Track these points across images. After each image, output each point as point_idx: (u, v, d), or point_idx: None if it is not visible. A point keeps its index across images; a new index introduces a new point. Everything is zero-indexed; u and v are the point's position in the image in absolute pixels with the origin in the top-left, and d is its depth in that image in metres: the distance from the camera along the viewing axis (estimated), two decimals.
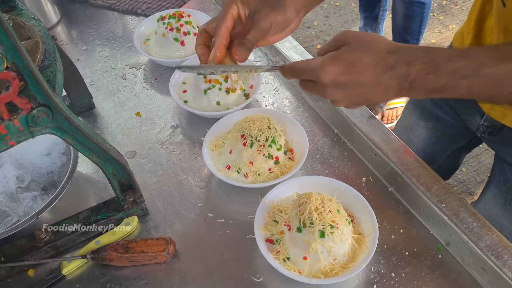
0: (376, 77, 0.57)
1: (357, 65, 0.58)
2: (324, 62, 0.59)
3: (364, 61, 0.57)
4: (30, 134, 0.62)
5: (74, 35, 1.35)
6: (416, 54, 0.56)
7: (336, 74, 0.58)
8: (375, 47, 0.58)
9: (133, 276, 0.77)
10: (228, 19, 0.68)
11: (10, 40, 0.52)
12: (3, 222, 0.85)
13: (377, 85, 0.58)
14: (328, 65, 0.59)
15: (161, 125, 1.04)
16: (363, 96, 0.61)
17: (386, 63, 0.57)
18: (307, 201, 0.71)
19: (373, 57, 0.57)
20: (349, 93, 0.61)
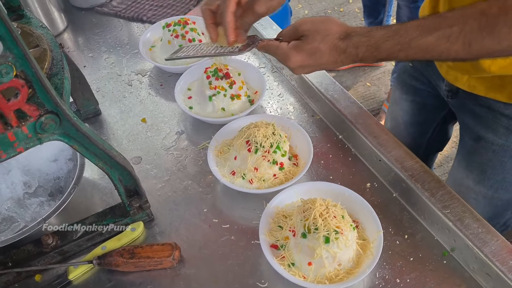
0: (333, 58, 0.73)
1: (317, 53, 0.73)
2: (289, 53, 0.75)
3: (322, 49, 0.72)
4: (38, 141, 0.63)
5: (80, 42, 1.36)
6: (360, 39, 0.70)
7: (300, 61, 0.74)
8: (329, 35, 0.72)
9: (138, 282, 0.77)
10: (232, 4, 0.77)
11: (19, 48, 0.53)
12: (10, 228, 0.86)
13: (335, 63, 0.74)
14: (293, 55, 0.74)
15: (166, 131, 1.04)
16: (324, 69, 0.79)
17: (339, 49, 0.72)
18: (312, 206, 0.71)
19: (328, 45, 0.72)
20: (312, 69, 0.78)
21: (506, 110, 0.88)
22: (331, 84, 1.04)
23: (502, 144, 0.92)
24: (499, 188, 0.98)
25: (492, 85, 0.88)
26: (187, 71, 1.11)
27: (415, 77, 1.13)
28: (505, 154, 0.93)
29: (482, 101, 0.91)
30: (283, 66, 1.14)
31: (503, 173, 0.95)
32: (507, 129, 0.90)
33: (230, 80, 1.01)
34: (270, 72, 1.18)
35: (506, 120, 0.90)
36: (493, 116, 0.91)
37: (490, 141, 0.94)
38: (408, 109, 1.20)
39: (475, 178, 1.00)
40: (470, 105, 0.95)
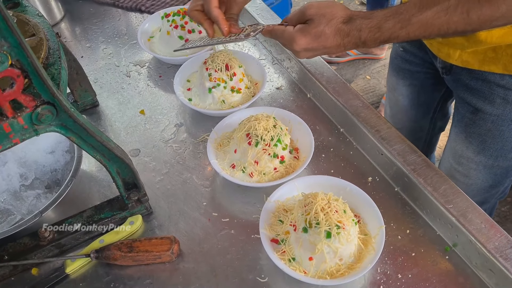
0: (337, 42, 0.75)
1: (322, 36, 0.75)
2: (295, 36, 0.77)
3: (326, 33, 0.75)
4: (34, 132, 0.62)
5: (77, 32, 1.34)
6: (363, 22, 0.73)
7: (306, 44, 0.76)
8: (334, 19, 0.75)
9: (137, 276, 0.76)
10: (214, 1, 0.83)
11: (15, 37, 0.51)
12: (6, 220, 0.85)
13: (338, 46, 0.76)
14: (298, 38, 0.76)
15: (165, 123, 1.03)
16: (327, 53, 0.79)
17: (343, 32, 0.74)
18: (313, 201, 0.70)
19: (333, 29, 0.74)
20: (316, 53, 0.80)
21: (502, 81, 0.90)
22: (332, 76, 1.02)
23: (500, 114, 0.95)
24: (499, 156, 1.01)
25: (485, 58, 0.89)
26: (186, 63, 1.09)
27: (408, 61, 1.15)
28: (503, 123, 0.96)
29: (477, 74, 0.94)
30: (284, 58, 1.13)
31: (502, 141, 0.98)
32: (503, 99, 0.93)
33: (231, 72, 0.99)
34: (271, 64, 1.16)
35: (502, 91, 0.92)
36: (489, 88, 0.93)
37: (488, 112, 0.96)
38: (407, 93, 1.22)
39: (475, 148, 1.02)
40: (465, 79, 0.97)
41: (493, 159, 1.02)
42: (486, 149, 1.01)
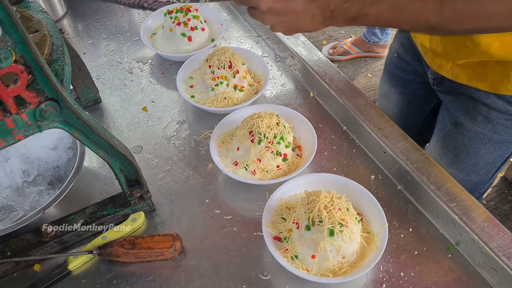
0: (303, 6, 0.71)
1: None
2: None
3: None
4: (37, 128, 0.61)
5: (80, 28, 1.34)
6: None
7: (272, 2, 0.72)
8: None
9: (139, 273, 0.76)
10: None
11: (19, 33, 0.51)
12: (9, 217, 0.84)
13: (305, 13, 0.72)
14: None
15: (167, 120, 1.03)
16: (295, 23, 0.75)
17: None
18: (316, 199, 0.70)
19: None
20: (283, 19, 0.74)
21: (487, 99, 0.90)
22: (335, 74, 1.02)
23: (479, 132, 0.94)
24: (471, 172, 1.01)
25: (474, 74, 0.89)
26: (189, 60, 1.09)
27: (402, 68, 1.14)
28: (480, 142, 0.96)
29: (465, 89, 0.93)
30: (286, 56, 1.13)
31: (476, 158, 0.98)
32: (485, 117, 0.92)
33: (233, 70, 0.99)
34: (273, 61, 1.16)
35: (485, 109, 0.91)
36: (474, 104, 0.93)
37: (467, 127, 0.96)
38: (397, 101, 1.21)
39: (449, 160, 1.02)
40: (453, 93, 0.98)
41: (464, 174, 1.02)
42: (459, 163, 1.01)
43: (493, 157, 0.98)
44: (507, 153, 0.98)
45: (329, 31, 3.01)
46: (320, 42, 2.92)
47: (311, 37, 2.95)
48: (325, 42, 2.92)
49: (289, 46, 1.11)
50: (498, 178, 2.08)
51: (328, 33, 3.00)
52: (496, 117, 0.91)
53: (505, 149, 0.97)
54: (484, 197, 2.01)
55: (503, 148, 0.97)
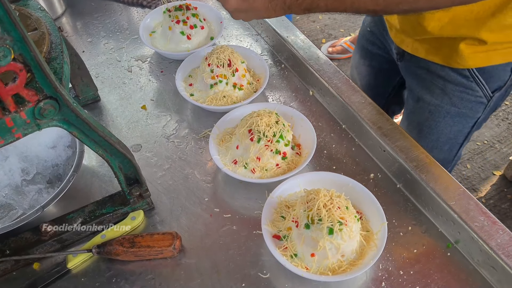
0: (264, 4, 0.81)
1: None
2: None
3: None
4: (36, 127, 0.61)
5: (79, 26, 1.34)
6: None
7: (236, 4, 0.82)
8: None
9: (139, 271, 0.76)
10: None
11: (18, 31, 0.51)
12: (8, 215, 0.84)
13: (266, 9, 0.82)
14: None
15: (167, 118, 1.03)
16: (259, 16, 0.85)
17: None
18: (316, 197, 0.70)
19: None
20: (248, 15, 0.85)
21: (442, 72, 0.95)
22: (335, 72, 1.02)
23: (437, 105, 0.99)
24: (434, 148, 1.06)
25: (431, 48, 0.94)
26: (188, 58, 1.09)
27: (371, 42, 1.20)
28: (439, 115, 1.00)
29: (423, 63, 0.98)
30: (286, 54, 1.12)
31: (437, 133, 1.03)
32: (442, 90, 0.97)
33: (233, 68, 0.99)
34: (273, 59, 1.16)
35: (441, 82, 0.97)
36: (431, 78, 0.98)
37: (427, 101, 1.01)
38: (366, 73, 1.28)
39: (414, 137, 1.01)
40: (413, 67, 1.03)
41: (428, 150, 1.01)
42: (423, 139, 1.05)
43: (454, 132, 1.02)
44: (467, 127, 1.02)
45: (328, 30, 3.01)
46: (319, 41, 2.92)
47: (310, 36, 2.95)
48: (324, 41, 2.92)
49: (288, 44, 1.11)
50: (497, 176, 2.08)
51: (327, 31, 3.00)
52: (451, 90, 0.96)
53: (464, 123, 1.01)
54: (483, 196, 2.01)
55: (462, 122, 1.01)
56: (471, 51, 0.89)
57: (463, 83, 0.94)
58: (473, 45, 0.88)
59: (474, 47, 0.88)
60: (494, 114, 2.36)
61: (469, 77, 0.93)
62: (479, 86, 0.93)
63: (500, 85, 0.94)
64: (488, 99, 0.96)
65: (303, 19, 3.11)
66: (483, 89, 0.94)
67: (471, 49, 0.88)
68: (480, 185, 2.06)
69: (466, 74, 0.93)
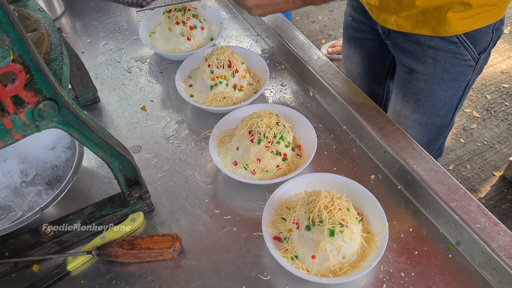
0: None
1: None
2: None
3: None
4: (36, 128, 0.61)
5: (78, 27, 1.33)
6: None
7: (257, 1, 0.86)
8: None
9: (139, 273, 0.76)
10: None
11: (17, 32, 0.51)
12: (7, 217, 0.84)
13: (286, 2, 0.86)
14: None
15: (166, 119, 1.02)
16: (278, 10, 0.89)
17: None
18: (317, 198, 0.70)
19: None
20: (268, 9, 0.89)
21: (431, 42, 0.99)
22: (335, 73, 1.02)
23: (431, 73, 1.03)
24: (432, 114, 1.10)
25: (417, 21, 0.97)
26: (188, 59, 1.09)
27: (357, 29, 1.23)
28: (434, 82, 1.04)
29: (410, 37, 1.02)
30: (286, 55, 1.12)
31: (434, 99, 1.07)
32: (433, 59, 1.01)
33: (233, 69, 0.98)
34: (273, 60, 1.16)
35: (432, 51, 1.00)
36: (421, 49, 1.02)
37: (420, 72, 1.05)
38: (359, 60, 1.31)
39: (411, 107, 1.11)
40: (401, 43, 1.06)
41: (427, 116, 1.11)
42: (420, 107, 1.10)
43: (449, 96, 1.07)
44: (460, 91, 1.07)
45: (327, 30, 3.01)
46: (319, 41, 2.92)
47: (309, 36, 2.95)
48: (323, 41, 2.92)
49: (288, 45, 1.11)
50: (497, 177, 2.08)
51: (327, 32, 3.00)
52: (442, 57, 1.00)
53: (457, 87, 1.06)
54: (483, 196, 2.01)
55: (455, 87, 1.06)
56: (458, 18, 0.93)
57: (453, 50, 0.99)
58: (459, 12, 0.92)
59: (460, 14, 0.92)
60: (494, 115, 2.36)
61: (457, 43, 0.97)
62: (467, 50, 0.99)
63: (484, 47, 1.00)
64: (476, 62, 1.02)
65: (303, 19, 3.11)
66: (471, 53, 0.99)
67: (457, 16, 0.93)
68: (480, 185, 2.06)
69: (455, 41, 0.97)
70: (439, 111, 1.10)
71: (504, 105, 2.42)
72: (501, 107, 2.41)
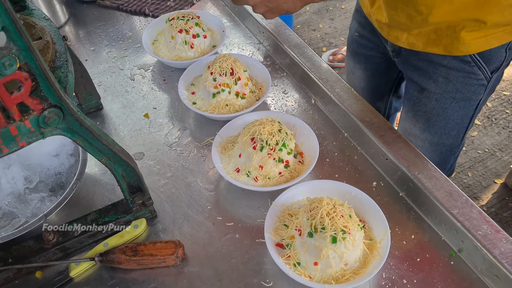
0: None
1: None
2: None
3: None
4: (40, 135, 0.61)
5: (81, 35, 1.35)
6: None
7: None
8: None
9: (141, 279, 0.76)
10: None
11: (23, 40, 0.51)
12: (11, 223, 0.84)
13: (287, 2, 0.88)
14: None
15: (169, 126, 1.03)
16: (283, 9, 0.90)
17: None
18: (319, 205, 0.70)
19: None
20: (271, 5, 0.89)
21: (444, 61, 0.98)
22: (337, 81, 1.03)
23: (443, 93, 1.02)
24: (443, 134, 1.09)
25: (429, 40, 0.96)
26: (190, 66, 1.10)
27: (363, 45, 1.22)
28: (446, 101, 1.03)
29: (422, 55, 1.01)
30: (288, 62, 1.13)
31: (445, 119, 1.06)
32: (445, 78, 1.00)
33: (235, 77, 0.99)
34: (275, 68, 1.16)
35: (444, 70, 0.99)
36: (433, 68, 1.01)
37: (432, 90, 1.03)
38: (364, 76, 1.31)
39: (422, 126, 1.10)
40: (412, 61, 1.05)
41: (438, 137, 1.09)
42: (431, 127, 1.08)
43: (460, 116, 1.05)
44: (471, 111, 1.05)
45: (329, 38, 3.02)
46: (320, 49, 2.93)
47: (310, 44, 2.96)
48: (324, 49, 2.93)
49: (290, 53, 1.12)
50: (498, 184, 2.08)
51: (328, 40, 3.01)
52: (455, 76, 0.99)
53: (468, 106, 1.04)
54: (485, 204, 2.01)
55: (467, 106, 1.04)
56: (472, 37, 0.92)
57: (466, 69, 0.97)
58: (473, 31, 0.91)
59: (474, 33, 0.91)
60: (495, 122, 2.36)
61: (470, 62, 0.96)
62: (480, 70, 0.97)
63: (497, 66, 0.99)
64: (488, 81, 1.00)
65: (304, 28, 3.13)
66: (484, 72, 0.98)
67: (471, 35, 0.91)
68: (481, 193, 2.06)
69: (468, 60, 0.96)
70: (450, 131, 1.08)
71: (505, 113, 2.42)
72: (502, 115, 2.42)
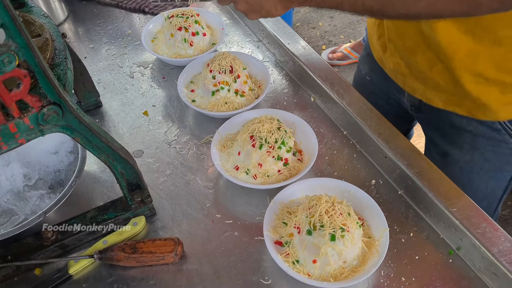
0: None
1: None
2: None
3: None
4: (40, 133, 0.62)
5: (80, 32, 1.34)
6: None
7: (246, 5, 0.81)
8: None
9: (140, 277, 0.76)
10: None
11: (23, 37, 0.51)
12: (10, 221, 0.84)
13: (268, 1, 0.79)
14: None
15: (168, 124, 1.03)
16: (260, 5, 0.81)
17: None
18: (318, 203, 0.70)
19: None
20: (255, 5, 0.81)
21: (469, 126, 0.87)
22: (336, 79, 1.03)
23: (469, 161, 0.90)
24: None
25: (448, 99, 0.86)
26: (190, 64, 1.09)
27: (373, 92, 1.09)
28: (472, 171, 0.91)
29: (444, 115, 0.89)
30: (287, 60, 1.13)
31: (472, 190, 0.90)
32: (471, 145, 0.89)
33: (235, 75, 0.99)
34: (274, 66, 1.16)
35: (470, 136, 0.88)
36: (457, 132, 0.89)
37: (456, 157, 0.92)
38: None
39: None
40: (434, 120, 0.94)
41: None
42: None
43: (491, 187, 0.93)
44: (505, 181, 0.93)
45: (328, 36, 3.02)
46: (319, 47, 2.93)
47: (310, 42, 2.96)
48: (324, 47, 2.93)
49: (289, 51, 1.12)
50: None
51: (328, 38, 3.01)
52: (482, 144, 0.88)
53: (500, 177, 0.92)
54: None
55: (499, 177, 0.92)
56: (500, 104, 0.81)
57: (495, 137, 0.85)
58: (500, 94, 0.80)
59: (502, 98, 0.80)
60: None
61: (501, 130, 0.84)
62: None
63: None
64: None
65: (303, 25, 3.13)
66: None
67: (499, 101, 0.81)
68: None
69: (498, 127, 0.84)
70: (479, 203, 0.90)
71: None
72: None
